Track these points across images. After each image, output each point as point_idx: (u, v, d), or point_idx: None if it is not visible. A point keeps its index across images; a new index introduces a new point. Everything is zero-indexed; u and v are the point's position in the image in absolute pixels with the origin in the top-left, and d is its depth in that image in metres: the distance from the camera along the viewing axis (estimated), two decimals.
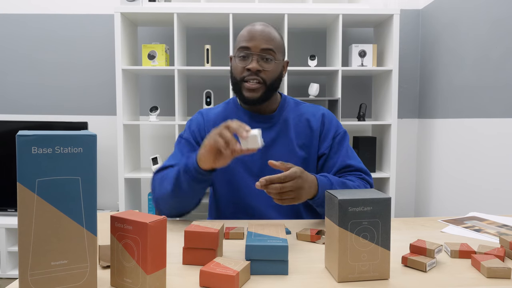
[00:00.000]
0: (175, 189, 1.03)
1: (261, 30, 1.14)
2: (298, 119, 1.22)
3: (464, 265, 0.76)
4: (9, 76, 2.80)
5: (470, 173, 2.16)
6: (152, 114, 2.56)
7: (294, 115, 1.23)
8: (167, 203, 1.08)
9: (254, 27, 1.15)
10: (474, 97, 2.12)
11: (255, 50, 1.13)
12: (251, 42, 1.13)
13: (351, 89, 2.88)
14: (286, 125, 1.21)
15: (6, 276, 2.41)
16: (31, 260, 0.58)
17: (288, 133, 1.20)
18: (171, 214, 1.11)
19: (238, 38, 1.17)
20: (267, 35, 1.14)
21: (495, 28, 1.96)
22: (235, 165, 1.18)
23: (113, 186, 2.85)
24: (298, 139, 1.20)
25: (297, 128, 1.21)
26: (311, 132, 1.21)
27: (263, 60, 1.13)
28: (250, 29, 1.15)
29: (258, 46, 1.12)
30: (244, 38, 1.14)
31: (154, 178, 1.14)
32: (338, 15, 2.42)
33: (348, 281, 0.68)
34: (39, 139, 0.57)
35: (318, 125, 1.21)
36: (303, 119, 1.22)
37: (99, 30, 2.79)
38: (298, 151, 1.19)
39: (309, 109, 1.25)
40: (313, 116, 1.23)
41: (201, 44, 2.82)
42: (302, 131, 1.21)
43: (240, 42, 1.15)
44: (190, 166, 0.99)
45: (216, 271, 0.65)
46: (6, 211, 2.54)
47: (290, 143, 1.19)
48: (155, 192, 1.11)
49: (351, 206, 0.67)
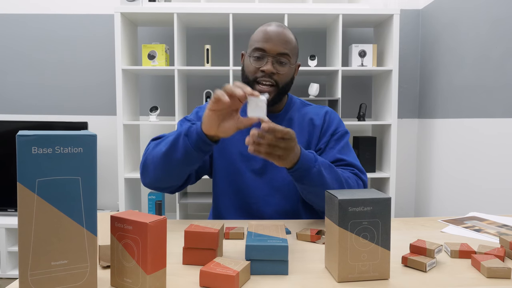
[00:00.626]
0: (169, 152, 0.99)
1: (278, 33, 1.12)
2: (302, 119, 1.23)
3: (464, 265, 0.76)
4: (9, 76, 2.80)
5: (470, 173, 2.16)
6: (152, 114, 2.56)
7: (299, 114, 1.24)
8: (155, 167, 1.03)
9: (272, 28, 1.13)
10: (474, 97, 2.12)
11: (271, 53, 1.12)
12: (268, 44, 1.12)
13: (351, 89, 2.88)
14: (289, 124, 1.21)
15: (6, 276, 2.41)
16: (31, 260, 0.58)
17: None
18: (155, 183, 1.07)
19: (254, 37, 1.15)
20: (283, 39, 1.13)
21: (495, 28, 1.96)
22: (237, 162, 1.18)
23: (113, 186, 2.85)
24: (301, 137, 1.21)
25: (301, 126, 1.22)
26: (313, 129, 1.21)
27: (278, 63, 1.13)
28: (267, 30, 1.13)
29: (275, 49, 1.12)
30: (261, 39, 1.13)
31: (150, 143, 1.11)
32: (338, 15, 2.42)
33: (348, 281, 0.68)
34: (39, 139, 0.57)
35: (320, 122, 1.21)
36: (307, 118, 1.23)
37: (99, 30, 2.79)
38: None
39: (314, 109, 1.26)
40: (317, 115, 1.23)
41: (201, 44, 2.82)
42: (305, 130, 1.21)
43: (256, 42, 1.14)
44: (193, 130, 0.96)
45: (216, 271, 0.65)
46: (6, 211, 2.54)
47: None
48: (145, 155, 1.06)
49: (351, 206, 0.67)
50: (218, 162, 1.21)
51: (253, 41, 1.15)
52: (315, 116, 1.23)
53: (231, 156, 1.19)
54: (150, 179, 1.07)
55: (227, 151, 1.20)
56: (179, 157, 0.98)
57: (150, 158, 1.05)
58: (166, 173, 1.03)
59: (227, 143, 1.20)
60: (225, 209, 1.21)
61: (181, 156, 0.98)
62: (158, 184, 1.08)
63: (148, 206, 2.63)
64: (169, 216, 2.84)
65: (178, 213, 2.50)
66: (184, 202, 2.51)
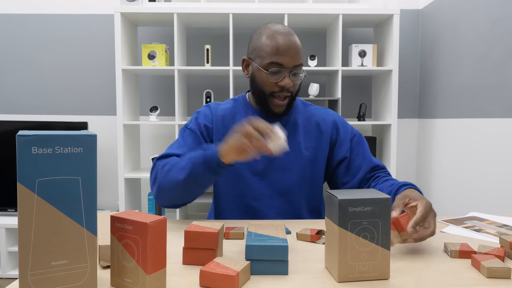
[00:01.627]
0: (188, 179, 0.99)
1: (292, 44, 1.10)
2: (307, 122, 1.22)
3: (464, 265, 0.76)
4: (9, 76, 2.80)
5: (470, 173, 2.16)
6: (152, 114, 2.56)
7: (303, 117, 1.23)
8: (172, 192, 1.04)
9: (284, 39, 1.09)
10: (474, 97, 2.12)
11: (288, 67, 1.10)
12: (284, 57, 1.09)
13: (351, 89, 2.88)
14: (295, 127, 1.20)
15: (6, 276, 2.41)
16: (31, 260, 0.58)
17: (296, 135, 1.20)
18: (171, 204, 1.08)
19: (266, 49, 1.10)
20: (297, 49, 1.11)
21: (495, 28, 1.96)
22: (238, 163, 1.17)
23: (113, 186, 2.85)
24: (306, 141, 1.20)
25: (306, 130, 1.21)
26: (320, 135, 1.21)
27: (293, 75, 1.11)
28: (280, 42, 1.09)
29: (291, 63, 1.10)
30: (276, 52, 1.09)
31: (156, 165, 1.08)
32: (338, 15, 2.42)
33: (348, 281, 0.68)
34: (39, 139, 0.57)
35: (329, 131, 1.21)
36: (313, 122, 1.22)
37: (99, 30, 2.79)
38: (304, 153, 1.19)
39: (319, 112, 1.25)
40: (324, 121, 1.23)
41: (201, 44, 2.82)
42: (311, 134, 1.21)
43: (270, 56, 1.09)
44: (210, 159, 0.96)
45: (216, 271, 0.65)
46: (6, 211, 2.54)
47: (298, 145, 1.19)
48: (159, 179, 1.05)
49: (351, 206, 0.67)
50: None
51: (265, 53, 1.10)
52: (322, 122, 1.23)
53: None
54: (167, 202, 1.08)
55: None
56: (199, 182, 1.00)
57: (166, 185, 1.03)
58: (186, 195, 1.05)
59: None
60: (227, 211, 1.20)
61: (201, 181, 1.00)
62: (175, 204, 1.09)
63: (148, 206, 2.63)
64: (169, 216, 2.84)
65: (178, 213, 2.50)
66: None
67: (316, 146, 1.20)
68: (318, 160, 1.20)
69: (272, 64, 1.09)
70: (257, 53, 1.13)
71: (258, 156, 0.93)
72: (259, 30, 1.16)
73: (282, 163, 1.17)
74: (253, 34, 1.18)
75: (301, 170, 1.18)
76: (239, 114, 1.21)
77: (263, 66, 1.11)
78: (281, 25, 1.15)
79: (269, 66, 1.10)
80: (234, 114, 1.21)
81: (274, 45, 1.09)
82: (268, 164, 1.17)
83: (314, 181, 1.21)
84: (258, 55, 1.12)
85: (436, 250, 0.85)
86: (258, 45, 1.13)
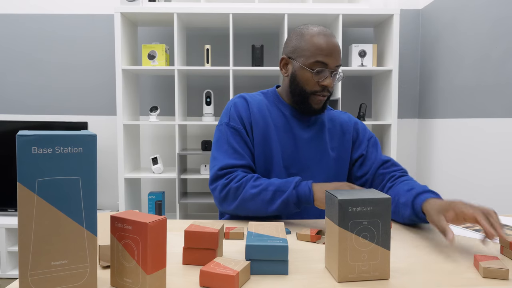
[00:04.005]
0: (275, 212, 1.05)
1: (336, 45, 1.13)
2: (332, 123, 1.26)
3: (464, 265, 0.76)
4: (9, 76, 2.80)
5: (470, 173, 2.16)
6: (152, 114, 2.56)
7: (327, 118, 1.27)
8: (252, 213, 1.08)
9: (330, 40, 1.12)
10: (474, 97, 2.12)
11: (332, 67, 1.12)
12: (330, 58, 1.11)
13: (351, 89, 2.88)
14: (322, 127, 1.23)
15: (6, 276, 2.41)
16: (31, 260, 0.58)
17: (323, 134, 1.23)
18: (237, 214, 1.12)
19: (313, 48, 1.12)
20: (339, 51, 1.14)
21: (495, 27, 1.96)
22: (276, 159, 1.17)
23: (113, 186, 2.85)
24: (332, 141, 1.23)
25: (331, 131, 1.25)
26: (343, 136, 1.25)
27: (334, 76, 1.14)
28: (327, 42, 1.12)
29: (335, 63, 1.12)
30: (323, 52, 1.11)
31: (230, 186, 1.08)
32: (338, 15, 2.42)
33: (348, 281, 0.68)
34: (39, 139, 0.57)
35: (351, 132, 1.26)
36: (337, 123, 1.26)
37: (99, 30, 2.79)
38: (330, 152, 1.22)
39: (341, 115, 1.30)
40: (346, 124, 1.27)
41: (201, 44, 2.82)
42: (335, 135, 1.24)
43: (317, 55, 1.11)
44: (304, 201, 1.02)
45: (216, 271, 0.65)
46: (6, 211, 2.54)
47: (324, 144, 1.22)
48: (239, 201, 1.07)
49: (351, 206, 0.67)
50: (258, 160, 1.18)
51: (310, 52, 1.12)
52: (345, 124, 1.27)
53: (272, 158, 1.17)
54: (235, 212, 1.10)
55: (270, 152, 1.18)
56: (288, 212, 1.06)
57: (248, 209, 1.07)
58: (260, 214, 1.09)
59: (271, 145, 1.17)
60: None
61: (284, 213, 1.06)
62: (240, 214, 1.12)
63: (148, 206, 2.63)
64: (169, 216, 2.84)
65: (178, 213, 2.50)
66: (184, 202, 2.51)
67: (340, 146, 1.24)
68: (343, 159, 1.24)
69: (317, 63, 1.11)
70: (300, 53, 1.14)
71: None
72: (299, 30, 1.17)
73: (308, 162, 1.19)
74: (293, 33, 1.18)
75: (327, 169, 1.21)
76: (273, 107, 1.22)
77: (308, 65, 1.12)
78: (322, 26, 1.17)
79: (314, 65, 1.12)
80: (268, 107, 1.21)
81: (319, 45, 1.11)
82: (295, 163, 1.18)
83: (339, 180, 1.25)
84: (302, 55, 1.14)
85: (436, 250, 0.85)
86: (301, 44, 1.14)
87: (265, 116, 1.18)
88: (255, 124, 1.17)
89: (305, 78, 1.14)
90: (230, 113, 1.17)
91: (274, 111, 1.21)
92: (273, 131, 1.17)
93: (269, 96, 1.25)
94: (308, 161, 1.19)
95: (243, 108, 1.17)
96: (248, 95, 1.22)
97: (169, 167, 2.82)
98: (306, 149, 1.19)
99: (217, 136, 1.18)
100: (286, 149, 1.18)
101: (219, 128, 1.18)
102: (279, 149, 1.17)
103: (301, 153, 1.19)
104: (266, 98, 1.23)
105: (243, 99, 1.19)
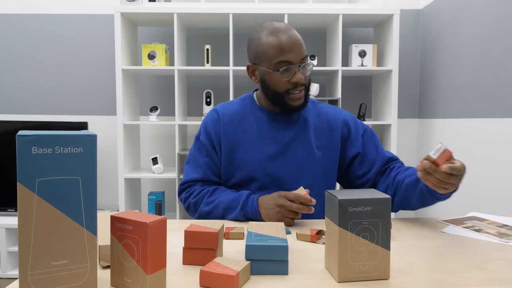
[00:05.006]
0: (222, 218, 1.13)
1: (294, 38, 1.10)
2: (318, 120, 1.22)
3: (464, 265, 0.76)
4: (9, 76, 2.80)
5: (470, 173, 2.16)
6: (152, 114, 2.56)
7: (313, 115, 1.23)
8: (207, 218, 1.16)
9: (284, 36, 1.09)
10: (474, 97, 2.12)
11: (296, 62, 1.10)
12: (291, 54, 1.09)
13: (351, 89, 2.88)
14: (305, 125, 1.20)
15: (6, 276, 2.41)
16: (31, 260, 0.58)
17: (307, 133, 1.19)
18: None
19: (272, 49, 1.09)
20: (300, 42, 1.11)
21: (495, 28, 1.96)
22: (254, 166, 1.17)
23: (113, 186, 2.85)
24: (317, 139, 1.20)
25: (317, 128, 1.21)
26: (331, 132, 1.21)
27: (303, 68, 1.12)
28: (283, 39, 1.09)
29: (298, 57, 1.10)
30: (282, 51, 1.09)
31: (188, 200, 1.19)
32: (338, 15, 2.42)
33: (348, 281, 0.68)
34: (39, 139, 0.57)
35: (340, 128, 1.22)
36: (324, 120, 1.22)
37: (99, 30, 2.79)
38: (316, 151, 1.19)
39: (329, 110, 1.25)
40: (334, 119, 1.23)
41: (201, 44, 2.82)
42: (321, 132, 1.21)
43: (277, 55, 1.09)
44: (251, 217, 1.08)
45: (216, 271, 0.65)
46: (6, 211, 2.54)
47: (309, 143, 1.19)
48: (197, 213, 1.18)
49: (351, 206, 0.67)
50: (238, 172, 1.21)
51: (270, 55, 1.10)
52: (332, 120, 1.23)
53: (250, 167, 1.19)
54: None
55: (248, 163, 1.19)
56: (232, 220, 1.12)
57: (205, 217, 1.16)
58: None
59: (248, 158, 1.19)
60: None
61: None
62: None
63: (148, 206, 2.63)
64: (169, 216, 2.84)
65: (178, 213, 2.50)
66: None
67: (327, 144, 1.20)
68: (331, 158, 1.21)
69: (280, 64, 1.10)
70: (261, 57, 1.12)
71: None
72: (255, 33, 1.15)
73: (293, 164, 1.17)
74: (250, 39, 1.17)
75: (313, 169, 1.18)
76: (248, 115, 1.21)
77: (272, 68, 1.11)
78: (276, 22, 1.14)
79: (278, 66, 1.10)
80: (241, 115, 1.21)
81: (276, 45, 1.09)
82: (279, 167, 1.17)
83: (327, 179, 1.22)
84: (264, 59, 1.12)
85: (436, 250, 0.85)
86: (260, 49, 1.12)
87: (237, 127, 1.19)
88: (224, 137, 1.18)
89: (274, 81, 1.12)
90: (201, 128, 1.24)
91: (249, 119, 1.20)
92: (247, 140, 1.17)
93: (246, 102, 1.24)
94: (292, 163, 1.17)
95: (213, 122, 1.21)
96: (222, 107, 1.23)
97: (169, 167, 2.82)
98: (289, 151, 1.17)
99: (190, 149, 1.26)
100: (266, 155, 1.17)
101: (193, 142, 1.25)
102: (256, 156, 1.16)
103: (285, 155, 1.17)
104: (242, 106, 1.23)
105: (216, 113, 1.22)
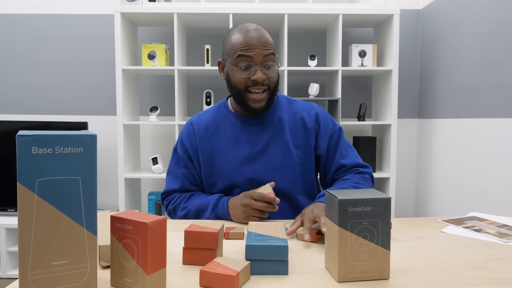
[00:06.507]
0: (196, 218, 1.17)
1: (258, 36, 1.09)
2: (293, 118, 1.21)
3: (464, 265, 0.76)
4: (9, 76, 2.80)
5: (470, 173, 2.16)
6: (152, 114, 2.56)
7: (288, 114, 1.21)
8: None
9: (250, 33, 1.09)
10: (474, 97, 2.12)
11: (258, 60, 1.09)
12: (252, 51, 1.08)
13: (351, 89, 2.88)
14: (280, 125, 1.19)
15: (6, 276, 2.41)
16: (31, 260, 0.58)
17: (283, 133, 1.18)
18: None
19: (233, 45, 1.10)
20: (264, 41, 1.09)
21: (495, 28, 1.96)
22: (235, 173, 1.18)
23: (113, 186, 2.85)
24: (294, 138, 1.19)
25: (292, 127, 1.20)
26: (306, 131, 1.20)
27: (265, 68, 1.10)
28: (246, 36, 1.09)
29: (260, 54, 1.08)
30: (243, 47, 1.08)
31: (168, 207, 1.24)
32: (338, 15, 2.42)
33: (348, 281, 0.68)
34: (39, 139, 0.57)
35: (313, 124, 1.20)
36: (298, 118, 1.21)
37: (99, 30, 2.79)
38: (293, 151, 1.18)
39: (303, 107, 1.24)
40: (307, 115, 1.21)
41: (201, 44, 2.82)
42: (297, 131, 1.20)
43: (237, 51, 1.09)
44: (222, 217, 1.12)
45: (216, 271, 0.65)
46: (6, 211, 2.54)
47: (286, 143, 1.18)
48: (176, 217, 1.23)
49: (351, 206, 0.67)
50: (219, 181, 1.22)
51: (233, 49, 1.10)
52: (306, 116, 1.21)
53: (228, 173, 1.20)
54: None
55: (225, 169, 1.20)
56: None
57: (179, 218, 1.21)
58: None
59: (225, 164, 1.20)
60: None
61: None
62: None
63: (148, 206, 2.63)
64: None
65: None
66: None
67: (304, 142, 1.20)
68: (308, 156, 1.20)
69: (240, 58, 1.09)
70: (227, 53, 1.13)
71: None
72: (229, 31, 1.16)
73: (272, 165, 1.17)
74: (224, 36, 1.18)
75: (292, 168, 1.18)
76: (222, 122, 1.21)
77: (233, 63, 1.11)
78: (249, 23, 1.14)
79: (239, 62, 1.10)
80: (216, 124, 1.21)
81: (240, 40, 1.09)
82: (259, 170, 1.17)
83: (307, 177, 1.21)
84: (228, 55, 1.13)
85: (436, 250, 0.85)
86: (227, 45, 1.14)
87: (213, 136, 1.20)
88: (201, 148, 1.20)
89: (235, 77, 1.12)
90: (178, 140, 1.26)
91: (224, 126, 1.20)
92: (224, 148, 1.18)
93: (221, 110, 1.24)
94: (271, 164, 1.17)
95: (188, 135, 1.23)
96: (197, 119, 1.24)
97: None
98: (266, 153, 1.17)
99: (170, 160, 1.30)
100: (243, 160, 1.17)
101: (172, 153, 1.28)
102: (234, 162, 1.16)
103: (263, 158, 1.17)
104: (216, 114, 1.23)
105: (191, 126, 1.24)
